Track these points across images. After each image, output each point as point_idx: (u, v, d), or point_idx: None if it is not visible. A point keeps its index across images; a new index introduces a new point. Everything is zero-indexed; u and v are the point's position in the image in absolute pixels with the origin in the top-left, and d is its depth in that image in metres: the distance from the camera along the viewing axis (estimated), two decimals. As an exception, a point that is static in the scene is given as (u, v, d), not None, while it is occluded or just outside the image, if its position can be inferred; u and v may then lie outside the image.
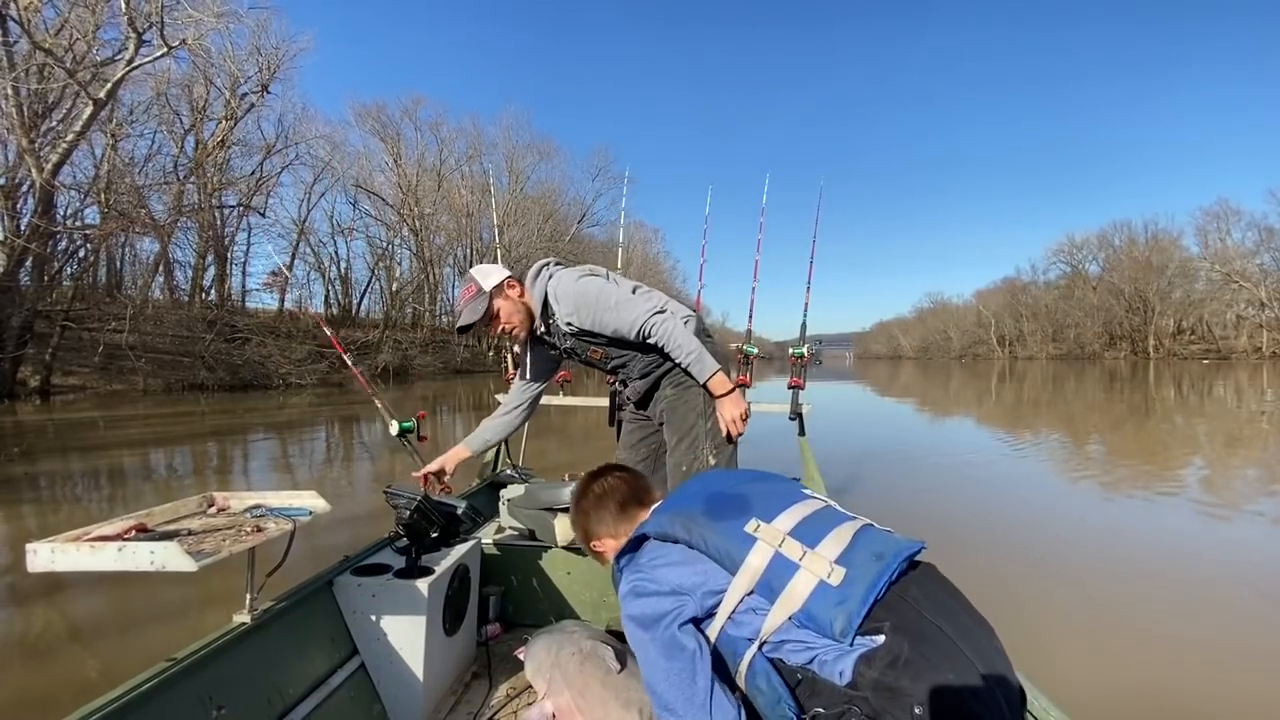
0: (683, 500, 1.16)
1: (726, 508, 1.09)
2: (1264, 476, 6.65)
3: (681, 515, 1.10)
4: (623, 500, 1.31)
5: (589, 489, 1.35)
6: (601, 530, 1.33)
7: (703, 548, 1.05)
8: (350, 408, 14.78)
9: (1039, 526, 4.87)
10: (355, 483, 6.62)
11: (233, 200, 26.65)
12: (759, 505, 1.08)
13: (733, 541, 1.03)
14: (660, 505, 1.22)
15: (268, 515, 1.46)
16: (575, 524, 1.40)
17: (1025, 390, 21.70)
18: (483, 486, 2.92)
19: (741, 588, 1.00)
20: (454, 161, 39.77)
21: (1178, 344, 59.09)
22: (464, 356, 33.99)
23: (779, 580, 0.97)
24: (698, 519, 1.08)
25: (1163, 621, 3.14)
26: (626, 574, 1.12)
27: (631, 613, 1.07)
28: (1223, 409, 14.05)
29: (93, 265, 21.35)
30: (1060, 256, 73.68)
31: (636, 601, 1.07)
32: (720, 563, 1.03)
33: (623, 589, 1.11)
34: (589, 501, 1.34)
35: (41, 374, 15.60)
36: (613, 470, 1.39)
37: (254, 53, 23.92)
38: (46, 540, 1.12)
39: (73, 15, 15.39)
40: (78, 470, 7.24)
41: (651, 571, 1.09)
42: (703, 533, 1.06)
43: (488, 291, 1.96)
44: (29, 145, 14.49)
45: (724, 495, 1.13)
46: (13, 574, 3.85)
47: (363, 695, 1.61)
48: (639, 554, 1.14)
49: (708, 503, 1.11)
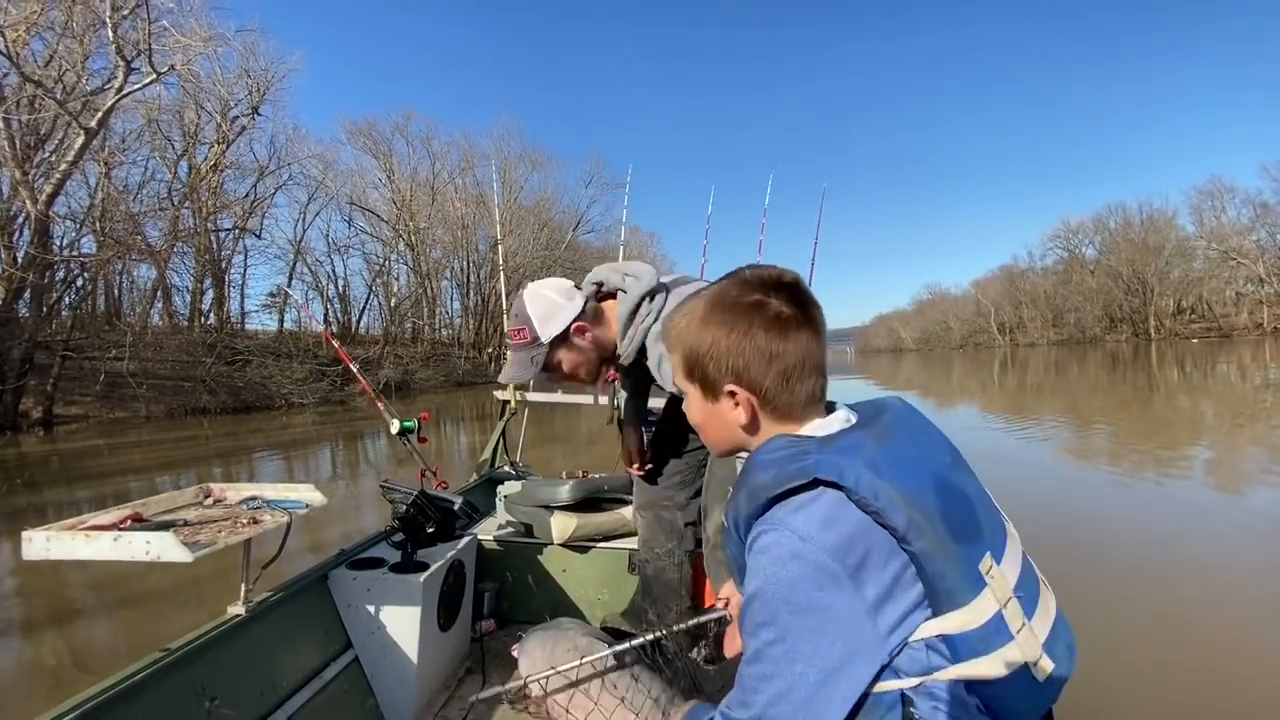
0: (903, 465, 0.71)
1: (963, 519, 0.72)
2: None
3: (910, 499, 0.68)
4: (802, 362, 0.77)
5: (749, 293, 0.78)
6: (740, 374, 0.77)
7: (922, 560, 0.67)
8: (353, 424, 14.80)
9: (1055, 509, 4.85)
10: (360, 495, 6.62)
11: (228, 223, 26.75)
12: (988, 527, 0.75)
13: (965, 579, 0.69)
14: (852, 438, 0.73)
15: (264, 507, 1.47)
16: (684, 332, 0.82)
17: (1028, 376, 21.67)
18: (480, 482, 2.92)
19: (940, 629, 0.69)
20: (447, 174, 39.97)
21: (1178, 324, 58.99)
22: (465, 369, 34.02)
23: (984, 644, 0.68)
24: (934, 520, 0.68)
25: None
26: (785, 526, 0.68)
27: (775, 593, 0.67)
28: (1227, 385, 14.01)
29: (91, 294, 21.42)
30: (1057, 242, 73.71)
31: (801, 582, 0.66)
32: (930, 587, 0.68)
33: (774, 542, 0.68)
34: (742, 316, 0.77)
35: (44, 405, 15.62)
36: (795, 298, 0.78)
37: (243, 75, 24.07)
38: (42, 528, 1.13)
39: (61, 46, 15.52)
40: (83, 499, 7.25)
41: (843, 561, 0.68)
42: (932, 545, 0.67)
43: (546, 344, 1.43)
44: (23, 177, 14.56)
45: (956, 492, 0.74)
46: (17, 596, 3.85)
47: (356, 689, 1.60)
48: (809, 502, 0.69)
49: (942, 498, 0.71)
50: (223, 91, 23.19)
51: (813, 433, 0.77)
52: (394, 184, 37.33)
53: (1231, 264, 54.16)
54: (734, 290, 0.79)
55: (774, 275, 0.79)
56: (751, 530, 0.73)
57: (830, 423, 0.79)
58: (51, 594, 3.49)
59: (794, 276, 0.80)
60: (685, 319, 0.82)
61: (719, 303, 0.79)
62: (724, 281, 0.82)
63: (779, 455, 0.73)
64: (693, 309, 0.82)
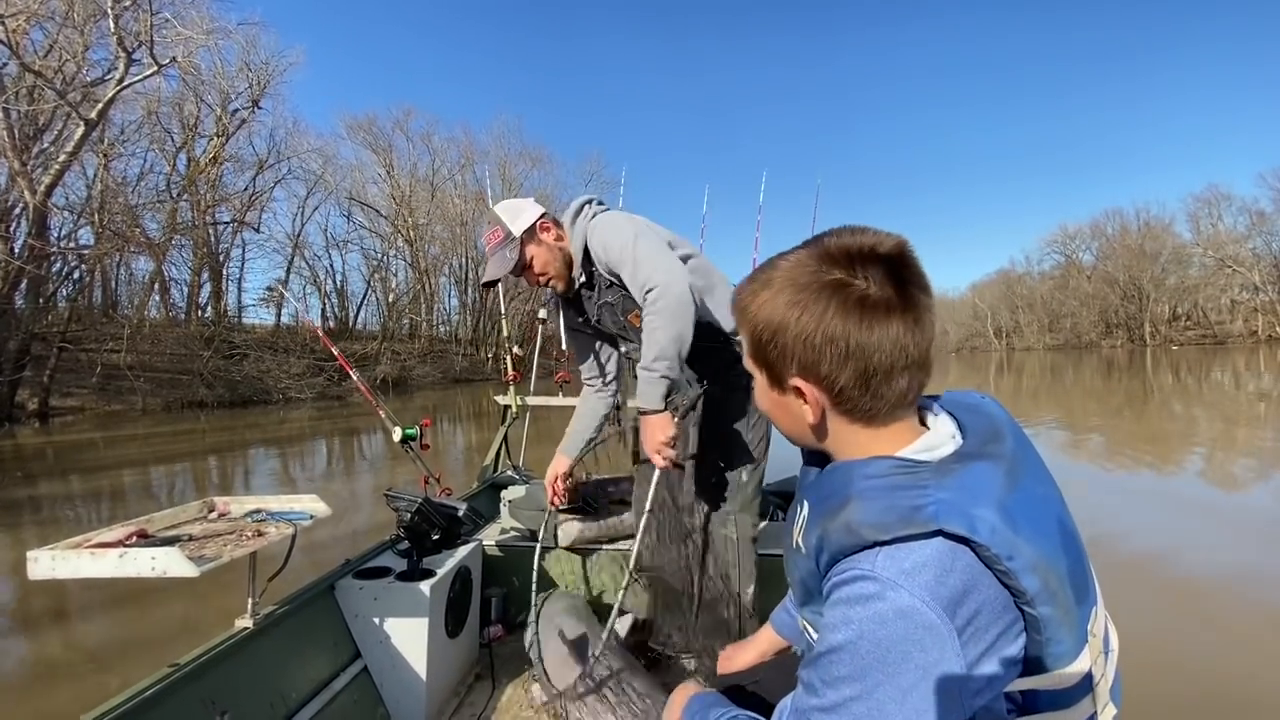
0: (1034, 513, 0.60)
1: (1082, 575, 0.62)
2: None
3: (1045, 559, 0.57)
4: (893, 359, 0.62)
5: (830, 269, 0.63)
6: (809, 369, 0.64)
7: (1042, 624, 0.57)
8: (350, 420, 14.77)
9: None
10: (358, 494, 6.62)
11: (226, 217, 26.67)
12: (1090, 574, 0.65)
13: (1077, 643, 0.60)
14: (978, 472, 0.60)
15: (268, 520, 1.47)
16: (749, 305, 0.68)
17: (1024, 381, 21.73)
18: (484, 488, 2.92)
19: (1031, 686, 0.61)
20: (447, 171, 39.90)
21: (1174, 330, 59.20)
22: (463, 365, 33.97)
23: (1066, 699, 0.62)
24: (1064, 583, 0.59)
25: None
26: (891, 577, 0.56)
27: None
28: (1221, 393, 14.09)
29: (88, 286, 21.35)
30: (1054, 247, 73.83)
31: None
32: (1041, 650, 0.59)
33: (875, 594, 0.56)
34: (818, 297, 0.62)
35: (40, 397, 15.57)
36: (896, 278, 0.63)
37: (244, 69, 24.00)
38: (47, 548, 1.13)
39: (61, 36, 15.46)
40: (79, 492, 7.23)
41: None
42: (1059, 612, 0.58)
43: (518, 237, 1.63)
44: (21, 168, 14.50)
45: (1075, 543, 0.63)
46: (16, 597, 3.84)
47: (365, 698, 1.61)
48: (922, 549, 0.57)
49: (1069, 554, 0.61)
50: (223, 84, 23.17)
51: (920, 454, 0.63)
52: (393, 180, 37.25)
53: (1227, 271, 54.34)
54: (812, 263, 0.64)
55: (866, 245, 0.63)
56: (839, 566, 0.60)
57: (938, 439, 0.65)
58: (56, 609, 3.49)
59: (894, 245, 0.63)
60: (752, 290, 0.68)
61: (793, 278, 0.64)
62: (803, 250, 0.66)
63: (885, 485, 0.60)
64: (765, 280, 0.67)
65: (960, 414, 0.69)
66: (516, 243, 1.64)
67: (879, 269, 0.61)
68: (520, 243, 1.64)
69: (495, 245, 1.65)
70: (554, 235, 1.67)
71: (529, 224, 1.65)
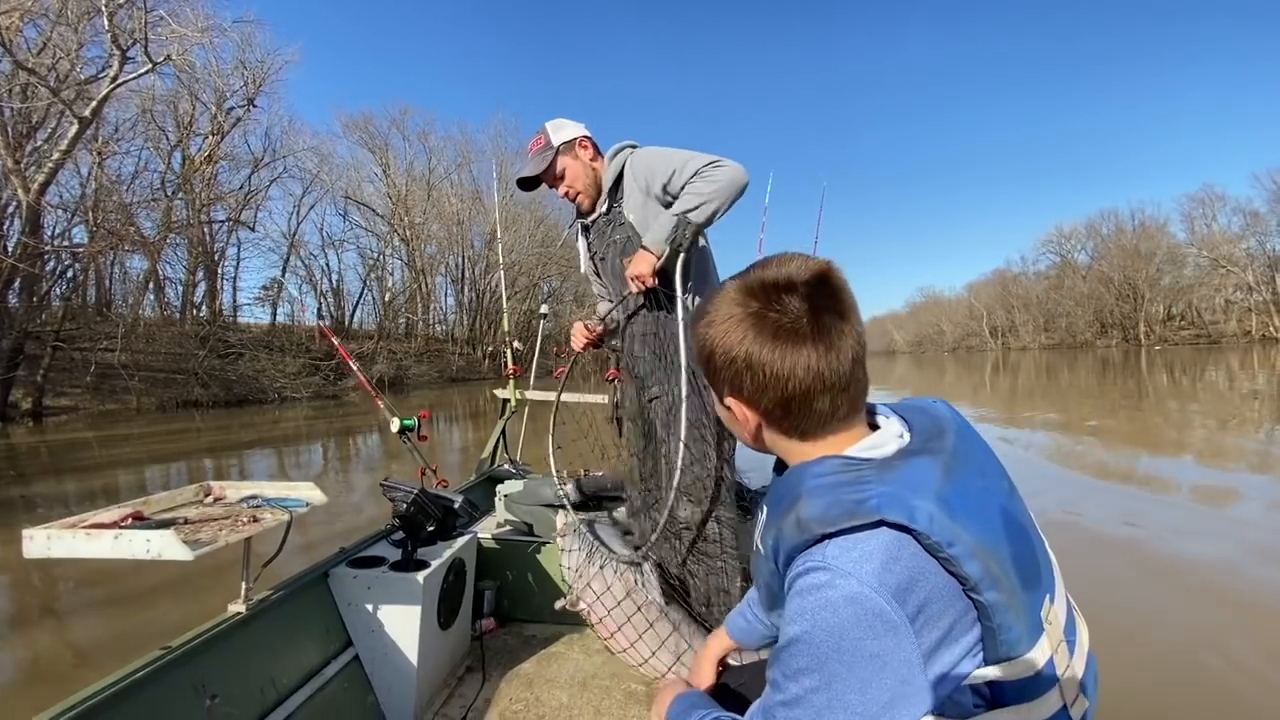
0: (973, 502, 0.63)
1: (1029, 562, 0.65)
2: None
3: (984, 545, 0.60)
4: (812, 383, 0.65)
5: (749, 301, 0.68)
6: (736, 391, 0.70)
7: (990, 610, 0.59)
8: (346, 419, 14.73)
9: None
10: (353, 492, 6.60)
11: (221, 215, 26.58)
12: (1044, 565, 0.67)
13: (1030, 629, 0.62)
14: (917, 466, 0.64)
15: (264, 506, 1.46)
16: (696, 322, 0.74)
17: (1019, 379, 21.80)
18: (480, 481, 2.92)
19: (991, 677, 0.61)
20: (443, 170, 39.88)
21: (1168, 330, 59.48)
22: (459, 365, 33.93)
23: (1031, 690, 0.62)
24: (1007, 568, 0.61)
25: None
26: (839, 566, 0.59)
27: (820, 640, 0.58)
28: (1215, 392, 14.16)
29: (82, 285, 21.24)
30: (1049, 247, 74.20)
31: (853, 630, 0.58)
32: (992, 637, 0.60)
33: (825, 583, 0.59)
34: (737, 328, 0.67)
35: (34, 396, 15.49)
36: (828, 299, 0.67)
37: (239, 67, 23.93)
38: (43, 526, 1.12)
39: (55, 34, 15.36)
40: (73, 491, 7.19)
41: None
42: (1004, 597, 0.60)
43: (555, 146, 1.81)
44: (15, 165, 14.43)
45: (1021, 532, 0.66)
46: (13, 597, 3.82)
47: (356, 687, 1.60)
48: (867, 540, 0.59)
49: (1012, 541, 0.63)
50: (218, 82, 23.06)
51: (866, 452, 0.66)
52: (390, 179, 37.20)
53: (1221, 271, 54.65)
54: (738, 295, 0.68)
55: (784, 276, 0.66)
56: (795, 563, 0.63)
57: (884, 440, 0.68)
58: (47, 591, 3.47)
59: (814, 272, 0.66)
60: (696, 316, 0.74)
61: (722, 309, 0.69)
62: (732, 281, 0.70)
63: (831, 481, 0.63)
64: (704, 309, 0.73)
65: (910, 415, 0.73)
66: (552, 152, 1.80)
67: (795, 298, 0.65)
68: (556, 152, 1.81)
69: (536, 151, 1.83)
70: (590, 155, 1.85)
71: (568, 139, 1.82)
